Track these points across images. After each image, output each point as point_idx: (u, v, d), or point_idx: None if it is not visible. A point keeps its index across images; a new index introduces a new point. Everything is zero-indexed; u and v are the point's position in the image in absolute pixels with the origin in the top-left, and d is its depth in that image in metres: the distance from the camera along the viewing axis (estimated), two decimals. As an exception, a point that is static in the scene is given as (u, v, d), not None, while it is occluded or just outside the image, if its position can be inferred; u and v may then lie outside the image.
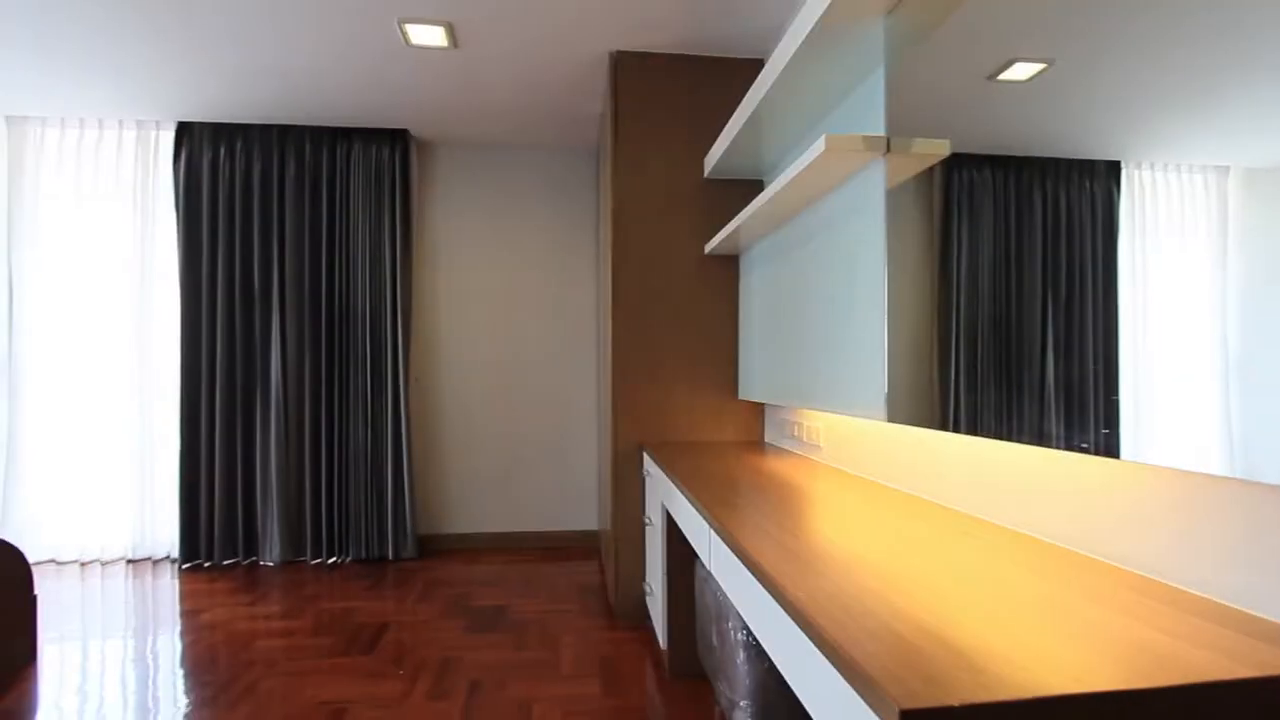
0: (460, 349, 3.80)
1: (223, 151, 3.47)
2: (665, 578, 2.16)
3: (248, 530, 3.49)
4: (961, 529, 1.25)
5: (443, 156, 3.80)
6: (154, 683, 2.21)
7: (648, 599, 2.52)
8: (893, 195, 1.51)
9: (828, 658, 0.76)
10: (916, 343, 1.45)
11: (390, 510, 3.49)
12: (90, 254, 3.53)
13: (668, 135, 2.63)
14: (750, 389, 2.54)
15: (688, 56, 2.65)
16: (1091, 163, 1.02)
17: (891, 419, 1.50)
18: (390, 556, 3.51)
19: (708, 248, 2.56)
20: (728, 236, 2.32)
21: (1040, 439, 1.10)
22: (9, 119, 3.46)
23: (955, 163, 1.33)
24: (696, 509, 1.55)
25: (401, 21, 2.43)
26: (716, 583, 1.73)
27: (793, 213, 2.06)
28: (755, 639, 1.55)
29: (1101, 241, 1.00)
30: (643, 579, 2.64)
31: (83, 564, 3.48)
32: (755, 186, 2.65)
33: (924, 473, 1.54)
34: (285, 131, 3.50)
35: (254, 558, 3.50)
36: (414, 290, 3.69)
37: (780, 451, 2.35)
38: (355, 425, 3.51)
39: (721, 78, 2.65)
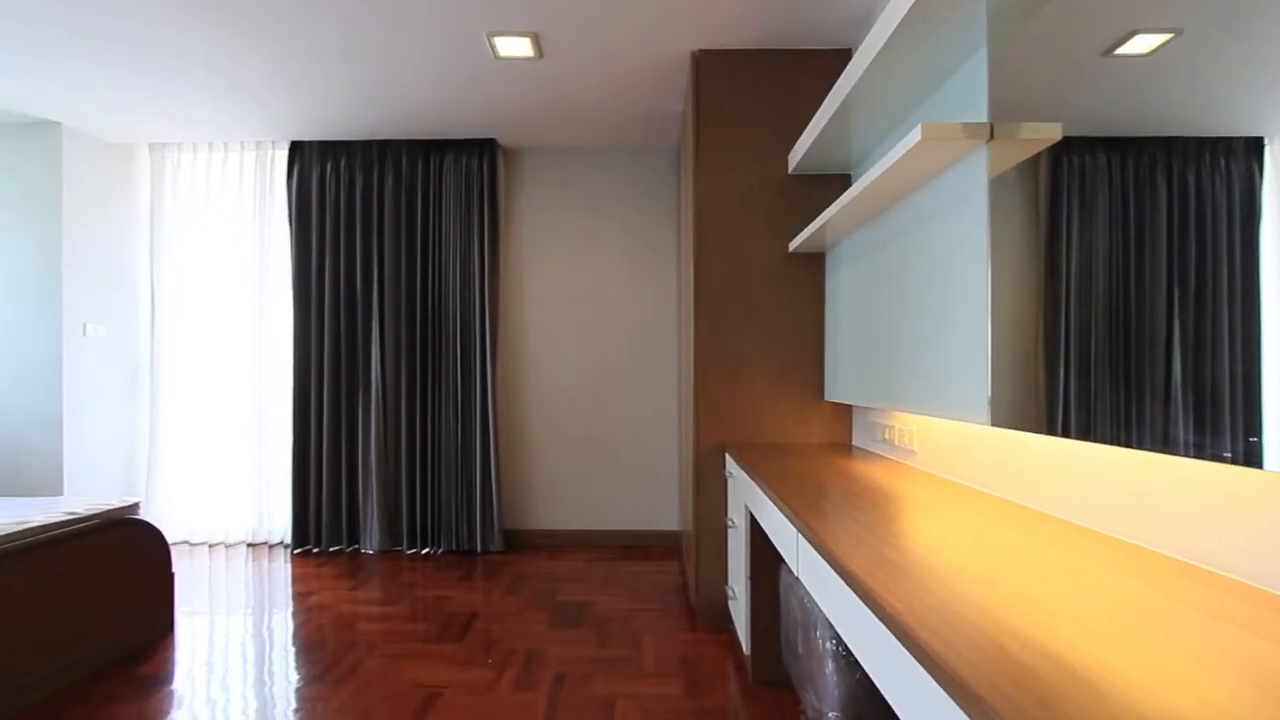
0: (544, 349, 3.91)
1: (329, 167, 3.73)
2: (748, 581, 2.13)
3: (350, 520, 3.74)
4: (1070, 540, 1.16)
5: (527, 163, 3.93)
6: (269, 657, 2.41)
7: (730, 602, 2.49)
8: (995, 185, 1.42)
9: (929, 672, 0.73)
10: (1021, 342, 1.36)
11: (479, 505, 3.64)
12: (216, 264, 3.90)
13: (750, 132, 2.60)
14: (837, 390, 2.47)
15: (770, 51, 2.60)
16: (1228, 140, 0.93)
17: (995, 423, 1.41)
18: (478, 549, 3.66)
19: (792, 245, 2.51)
20: (814, 233, 2.26)
21: (1165, 445, 1.00)
22: (151, 146, 3.87)
23: (1065, 147, 1.24)
24: (783, 513, 1.52)
25: (490, 35, 2.53)
26: (804, 589, 1.69)
27: (884, 207, 1.98)
28: (846, 649, 1.51)
29: (1240, 226, 0.91)
30: (725, 582, 2.62)
31: (210, 546, 3.84)
32: (842, 181, 2.57)
33: (1029, 479, 1.44)
34: (384, 146, 3.72)
35: (356, 545, 3.74)
36: (500, 293, 3.83)
37: (869, 455, 2.27)
38: (446, 423, 3.68)
39: (805, 71, 2.59)
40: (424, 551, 3.69)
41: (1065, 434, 1.22)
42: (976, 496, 1.55)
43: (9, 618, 1.97)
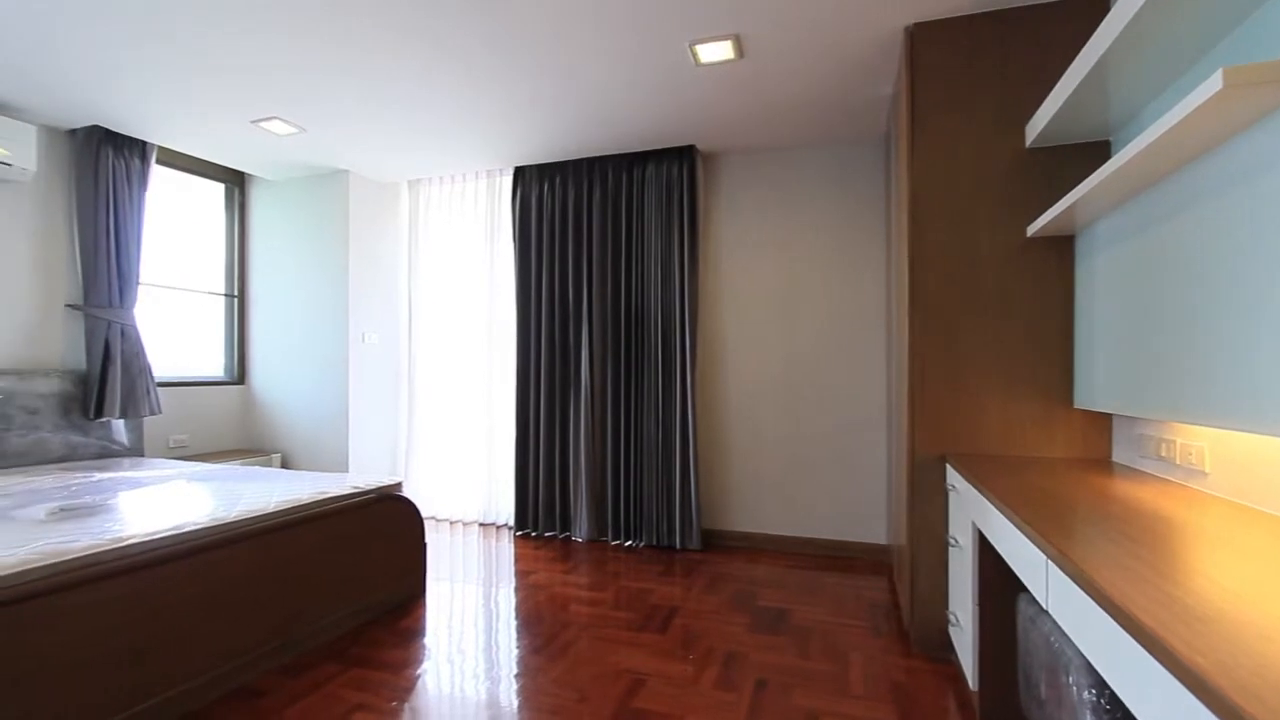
0: (743, 352, 3.89)
1: (545, 187, 4.10)
2: (976, 608, 1.90)
3: (563, 509, 4.06)
4: None
5: (725, 165, 3.94)
6: (496, 625, 2.70)
7: (951, 629, 2.24)
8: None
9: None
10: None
11: (678, 503, 3.73)
12: (456, 278, 4.49)
13: (975, 107, 2.32)
14: (1092, 395, 2.10)
15: (995, 13, 2.30)
16: None
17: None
18: (677, 546, 3.75)
19: (1031, 229, 2.19)
20: (1061, 214, 1.95)
21: None
22: (410, 183, 4.60)
23: None
24: (1027, 535, 1.32)
25: (692, 44, 2.58)
26: (1052, 624, 1.46)
27: (1161, 175, 1.64)
28: (1110, 702, 1.26)
29: None
30: (945, 606, 2.36)
31: (450, 523, 4.42)
32: (1098, 150, 2.19)
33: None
34: (592, 163, 4.00)
35: (568, 533, 4.05)
36: (700, 296, 3.89)
37: (1137, 474, 1.89)
38: (648, 423, 3.83)
39: (1041, 30, 2.25)
40: (627, 544, 3.88)
41: None
42: (1310, 534, 1.21)
43: (316, 568, 2.45)
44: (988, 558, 1.88)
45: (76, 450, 3.48)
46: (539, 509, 4.07)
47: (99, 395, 3.50)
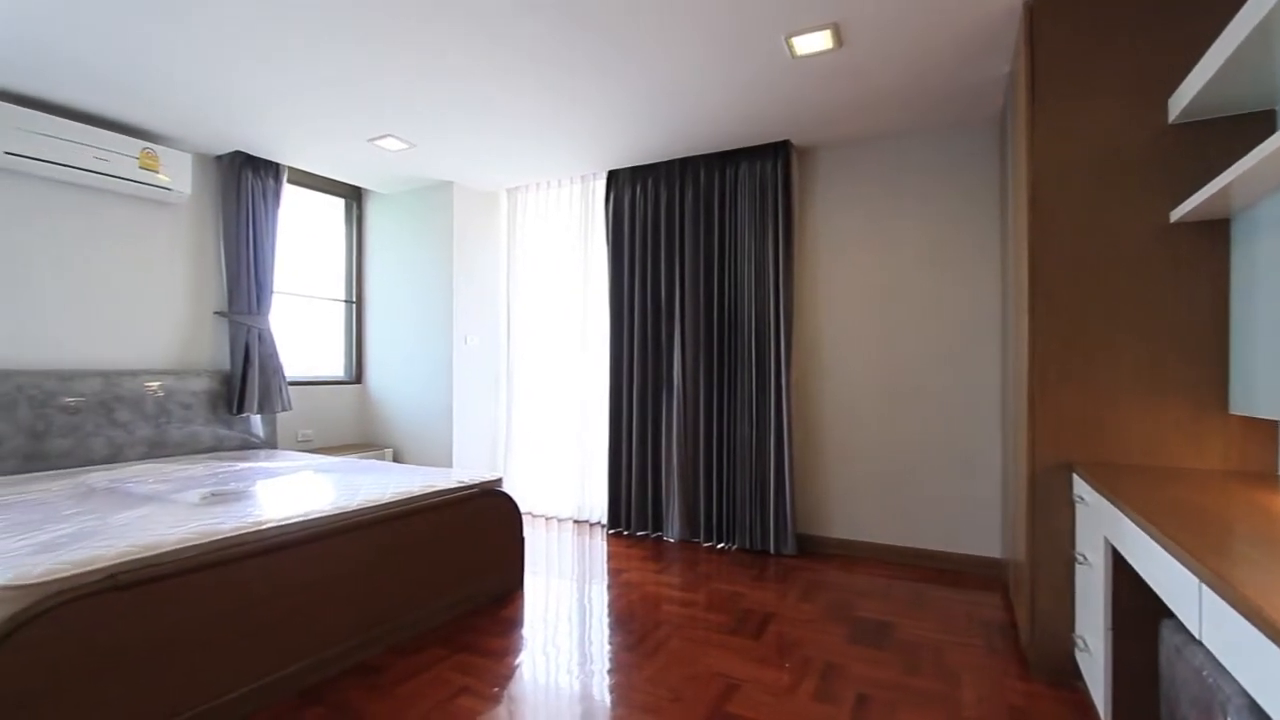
0: (842, 351, 3.75)
1: (638, 189, 4.14)
2: (1109, 634, 1.72)
3: (655, 508, 4.08)
4: None
5: (821, 159, 3.82)
6: (589, 622, 2.74)
7: (1077, 654, 2.05)
8: None
9: None
10: None
11: (772, 506, 3.65)
12: (551, 282, 4.63)
13: (1104, 81, 2.11)
14: (1253, 399, 1.85)
15: (1136, -23, 2.08)
16: None
17: None
18: (771, 550, 3.67)
19: (1176, 214, 1.97)
20: (1215, 195, 1.73)
21: None
22: (508, 191, 4.79)
23: None
24: (1175, 555, 1.19)
25: (789, 37, 2.52)
26: (1205, 656, 1.30)
27: (1339, 146, 1.42)
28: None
29: None
30: (1070, 628, 2.16)
31: (545, 519, 4.56)
32: (1258, 122, 1.92)
33: None
34: (684, 164, 3.99)
35: (659, 533, 4.07)
36: (795, 295, 3.79)
37: (1311, 491, 1.64)
38: (741, 424, 3.77)
39: (1192, -10, 2.01)
40: (719, 546, 3.84)
41: None
42: None
43: (425, 556, 2.60)
44: (1123, 578, 1.70)
45: (222, 442, 3.89)
46: (631, 508, 4.12)
47: (240, 393, 3.89)
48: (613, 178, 4.24)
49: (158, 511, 2.24)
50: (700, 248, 3.94)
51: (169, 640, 1.78)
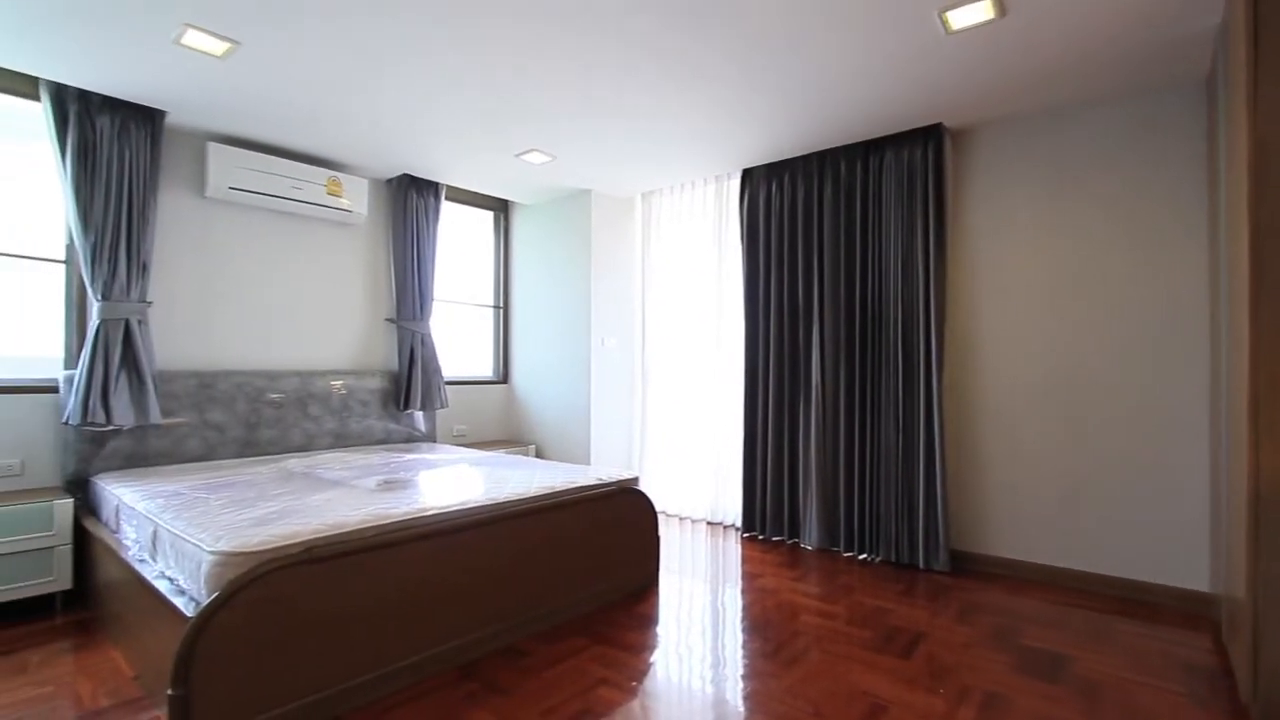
0: (1003, 352, 3.40)
1: (774, 186, 4.05)
2: (1372, 695, 1.40)
3: (791, 514, 3.95)
4: None
5: (980, 142, 3.49)
6: (723, 625, 2.71)
7: (1323, 717, 1.69)
8: None
9: None
10: None
11: (921, 518, 3.39)
12: (686, 283, 4.65)
13: (1359, 20, 1.73)
14: None
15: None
16: None
17: None
18: (920, 565, 3.41)
19: None
20: None
21: None
22: (643, 195, 4.88)
23: None
24: None
25: (942, 11, 2.33)
26: None
27: None
28: None
29: None
30: (1311, 684, 1.79)
31: (679, 519, 4.58)
32: None
33: None
34: (822, 157, 3.84)
35: (795, 539, 3.94)
36: (948, 291, 3.50)
37: None
38: (886, 428, 3.55)
39: None
40: (861, 556, 3.63)
41: None
42: None
43: (567, 548, 2.71)
44: (1393, 628, 1.38)
45: (391, 435, 4.33)
46: (766, 512, 4.02)
47: (406, 391, 4.31)
48: (747, 176, 4.17)
49: (342, 495, 2.54)
50: (840, 243, 3.76)
51: (349, 610, 2.01)
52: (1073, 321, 3.20)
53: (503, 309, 5.30)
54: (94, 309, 3.03)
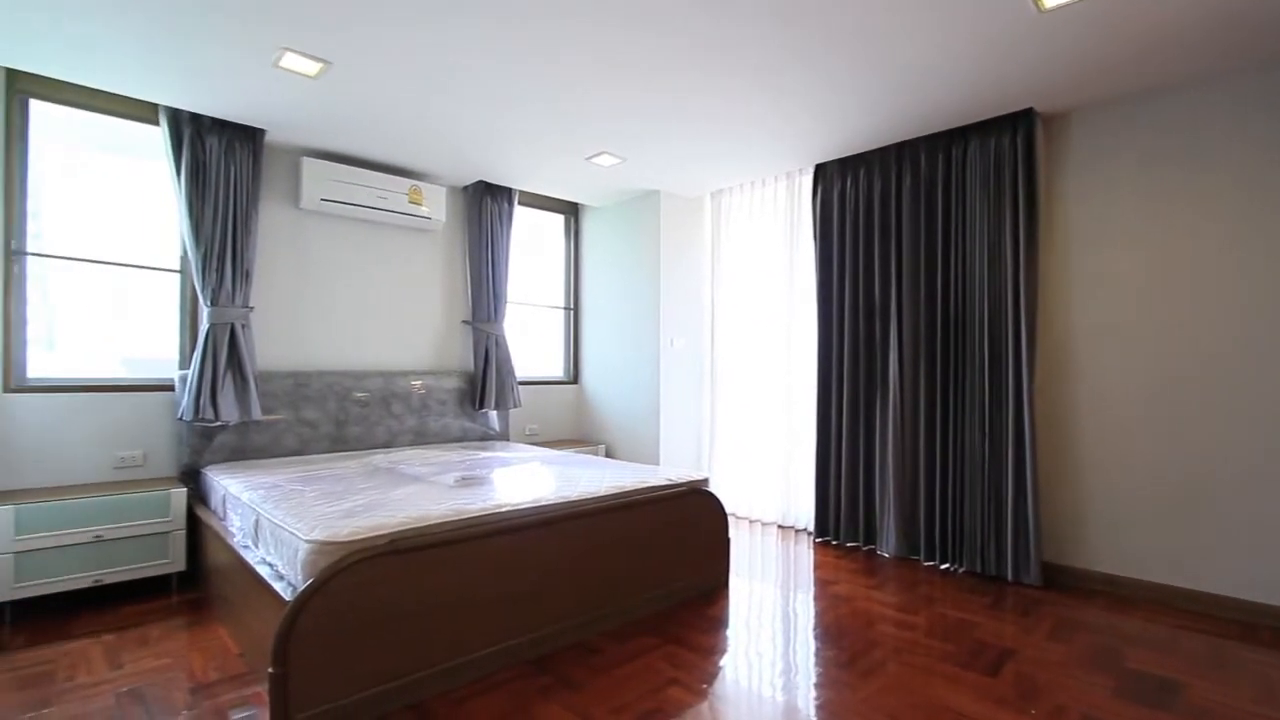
0: (1102, 352, 3.16)
1: (848, 181, 3.92)
2: None
3: (867, 519, 3.82)
4: None
5: (1076, 126, 3.26)
6: (795, 632, 2.65)
7: None
8: None
9: None
10: None
11: (1009, 527, 3.20)
12: (756, 283, 4.58)
13: None
14: None
15: None
16: None
17: None
18: (1008, 578, 3.21)
19: None
20: None
21: None
22: (712, 194, 4.85)
23: None
24: None
25: (1031, -13, 2.20)
26: None
27: None
28: None
29: None
30: None
31: (750, 522, 4.51)
32: None
33: None
34: (900, 149, 3.69)
35: (872, 545, 3.80)
36: (1040, 288, 3.28)
37: None
38: (970, 433, 3.37)
39: None
40: (943, 566, 3.47)
41: None
42: None
43: (637, 547, 2.73)
44: None
45: (468, 433, 4.49)
46: (840, 517, 3.90)
47: (480, 391, 4.45)
48: (820, 171, 4.06)
49: (423, 489, 2.65)
50: (920, 239, 3.60)
51: (429, 600, 2.09)
52: (1186, 317, 2.93)
53: (573, 310, 5.39)
54: (204, 314, 3.30)
